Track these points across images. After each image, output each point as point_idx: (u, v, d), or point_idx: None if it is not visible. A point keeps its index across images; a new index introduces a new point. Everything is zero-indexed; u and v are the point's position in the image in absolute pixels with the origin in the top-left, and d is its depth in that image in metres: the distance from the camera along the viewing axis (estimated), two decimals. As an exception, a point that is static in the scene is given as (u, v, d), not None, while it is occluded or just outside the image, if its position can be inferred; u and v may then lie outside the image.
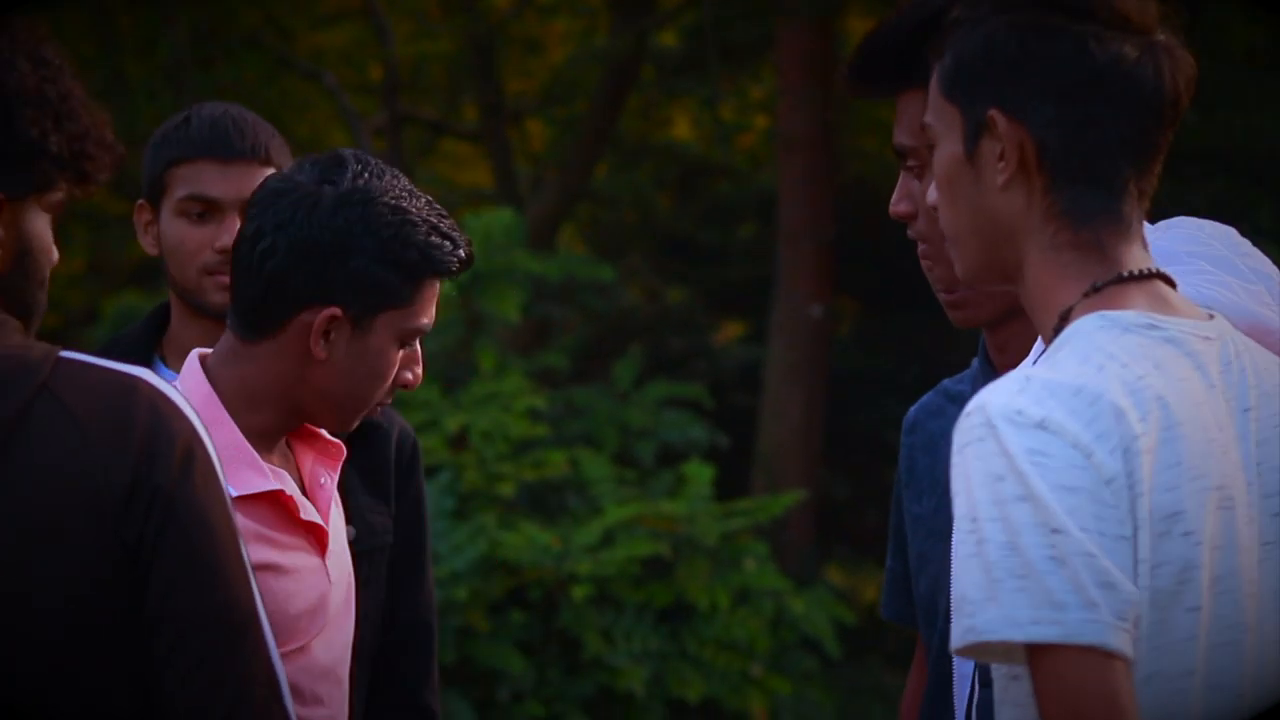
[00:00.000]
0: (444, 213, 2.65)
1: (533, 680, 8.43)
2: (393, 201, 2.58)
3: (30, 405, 1.95)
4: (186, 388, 2.56)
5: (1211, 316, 1.95)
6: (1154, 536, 1.80)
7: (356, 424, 2.71)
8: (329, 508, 2.71)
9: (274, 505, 2.62)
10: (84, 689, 1.97)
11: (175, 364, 3.07)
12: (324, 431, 2.74)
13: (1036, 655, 1.75)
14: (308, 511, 2.65)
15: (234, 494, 2.26)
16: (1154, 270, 1.92)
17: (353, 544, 2.99)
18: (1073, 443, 1.78)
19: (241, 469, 2.56)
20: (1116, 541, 1.77)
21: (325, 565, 2.68)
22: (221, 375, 2.62)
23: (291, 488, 2.64)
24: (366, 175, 2.59)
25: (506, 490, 8.58)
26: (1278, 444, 1.91)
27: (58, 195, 2.03)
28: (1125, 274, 1.90)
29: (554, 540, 8.41)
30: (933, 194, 2.00)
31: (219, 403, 2.60)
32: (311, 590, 2.66)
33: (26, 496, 1.95)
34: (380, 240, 2.57)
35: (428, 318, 2.64)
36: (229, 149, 3.07)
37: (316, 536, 2.67)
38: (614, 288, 10.25)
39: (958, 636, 1.78)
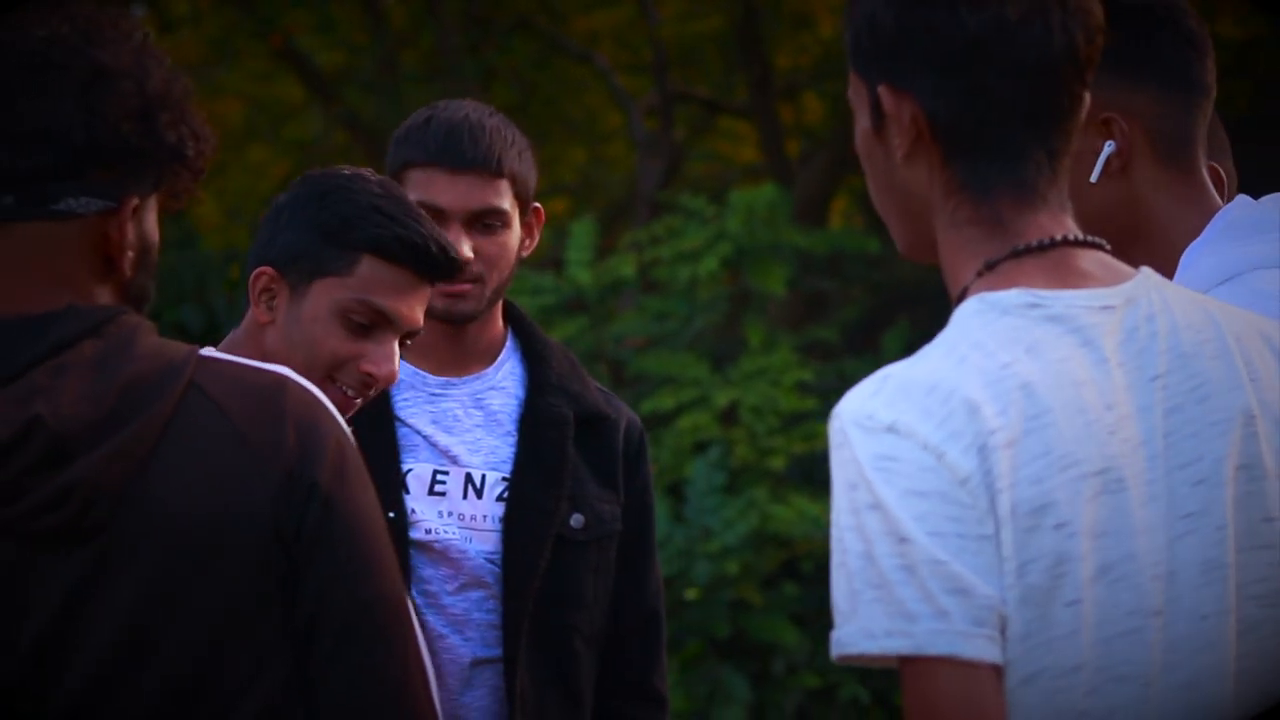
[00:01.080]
0: (417, 215, 2.74)
1: (807, 652, 8.45)
2: (343, 181, 2.74)
3: (182, 403, 1.96)
4: None
5: (1129, 278, 1.85)
6: (1019, 533, 1.72)
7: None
8: None
9: None
10: (238, 675, 1.99)
11: (411, 356, 3.13)
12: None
13: (901, 666, 1.71)
14: None
15: None
16: (1064, 238, 1.83)
17: (581, 532, 3.12)
18: (923, 445, 1.72)
19: None
20: (977, 542, 1.71)
21: None
22: (227, 349, 2.74)
23: None
24: (345, 173, 2.76)
25: (777, 464, 8.60)
26: (1193, 408, 1.82)
27: (175, 190, 2.04)
28: (1021, 247, 1.81)
29: (825, 512, 8.41)
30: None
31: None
32: None
33: (184, 493, 1.97)
34: (314, 208, 2.71)
35: (380, 299, 2.71)
36: (459, 159, 3.07)
37: None
38: (884, 260, 10.19)
39: (831, 647, 1.75)
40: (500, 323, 3.23)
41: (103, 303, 2.01)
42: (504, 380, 3.20)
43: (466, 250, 3.03)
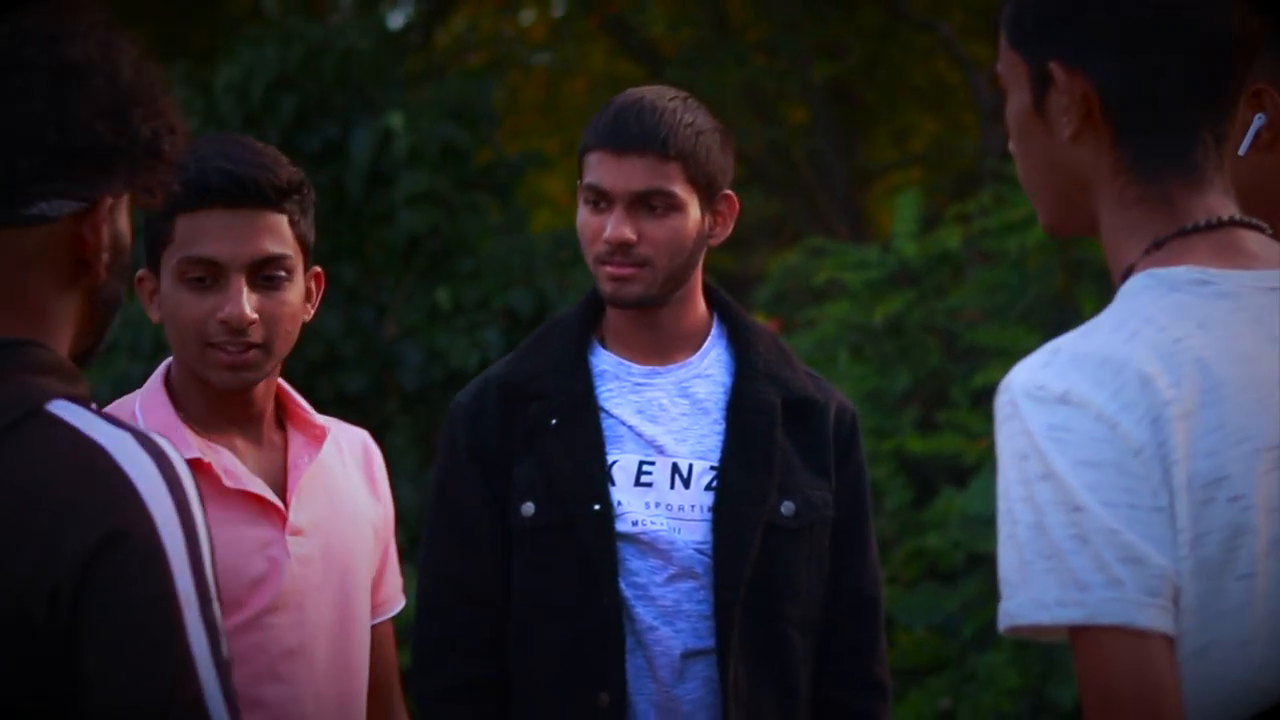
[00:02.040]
0: (213, 153, 2.63)
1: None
2: None
3: None
4: (149, 382, 2.73)
5: None
6: (1195, 505, 1.71)
7: (235, 379, 2.67)
8: (295, 486, 2.73)
9: (199, 474, 2.60)
10: None
11: (615, 345, 3.14)
12: (307, 415, 2.80)
13: (1072, 636, 1.69)
14: (239, 481, 2.67)
15: None
16: (1231, 219, 1.82)
17: (793, 519, 3.06)
18: (1096, 415, 1.71)
19: (174, 444, 2.61)
20: (1150, 514, 1.70)
21: (285, 539, 2.71)
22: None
23: (227, 461, 2.67)
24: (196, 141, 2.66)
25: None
26: None
27: (149, 185, 1.91)
28: (1190, 226, 1.81)
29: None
30: (1011, 144, 1.93)
31: (160, 386, 2.72)
32: (249, 562, 2.67)
33: None
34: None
35: (195, 249, 2.63)
36: (623, 140, 3.03)
37: (272, 512, 2.70)
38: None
39: (1000, 620, 1.73)
40: (703, 309, 3.18)
41: (64, 315, 1.89)
42: (710, 368, 3.15)
43: (628, 233, 3.00)
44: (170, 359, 2.77)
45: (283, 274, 2.66)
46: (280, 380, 2.81)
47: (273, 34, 9.16)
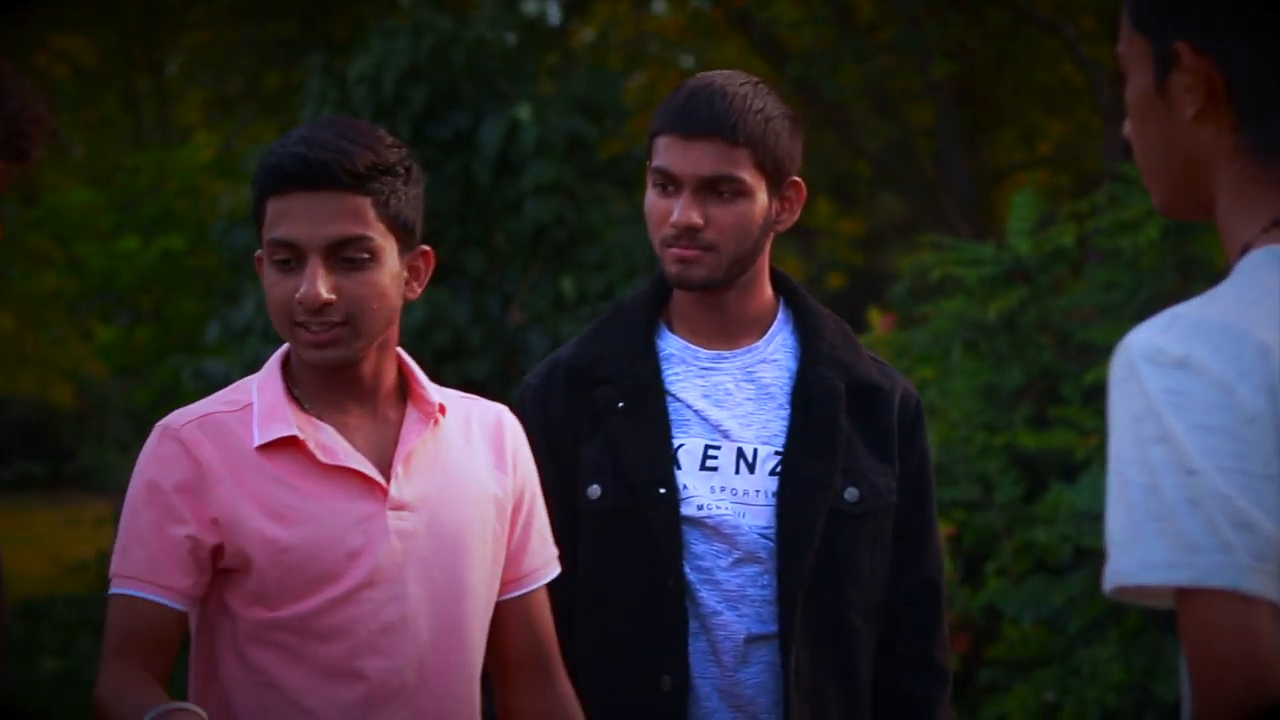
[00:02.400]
0: (294, 139, 2.70)
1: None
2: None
3: None
4: (270, 361, 2.81)
5: None
6: None
7: (319, 356, 2.71)
8: (400, 462, 2.76)
9: (298, 451, 2.74)
10: None
11: (681, 329, 3.15)
12: (425, 392, 2.82)
13: (1178, 598, 1.69)
14: (334, 458, 2.73)
15: (258, 442, 2.69)
16: None
17: (856, 505, 3.08)
18: (1213, 381, 1.70)
19: (273, 422, 2.73)
20: (1262, 481, 1.68)
21: (385, 514, 2.74)
22: None
23: (327, 438, 2.74)
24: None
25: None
26: None
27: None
28: None
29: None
30: (1127, 126, 1.93)
31: (277, 365, 2.79)
32: (344, 537, 2.72)
33: None
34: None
35: (277, 231, 2.68)
36: (691, 125, 3.02)
37: (374, 487, 2.74)
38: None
39: (1106, 580, 1.72)
40: (769, 293, 3.18)
41: None
42: (775, 353, 3.15)
43: (695, 217, 3.00)
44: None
45: (364, 255, 2.69)
46: (405, 358, 2.85)
47: (405, 25, 9.31)
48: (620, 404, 3.10)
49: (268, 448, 2.73)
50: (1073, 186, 11.72)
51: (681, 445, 3.08)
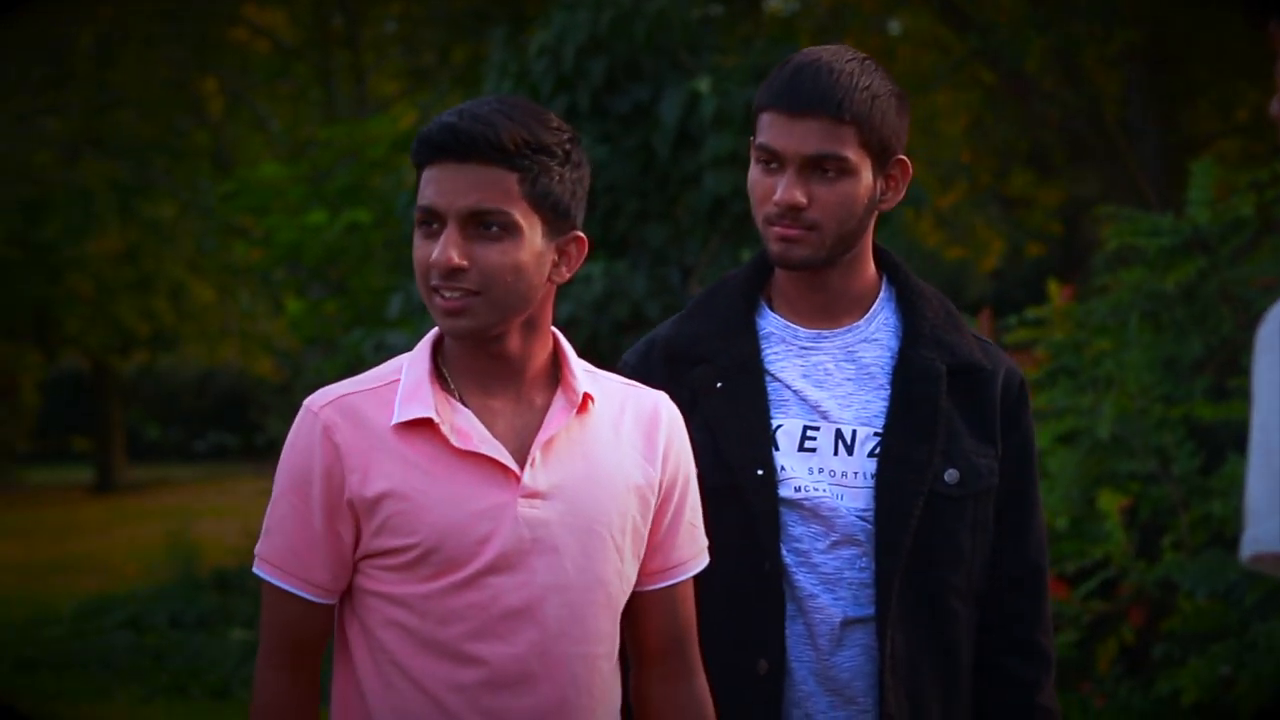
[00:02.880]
0: (454, 113, 2.71)
1: None
2: None
3: None
4: (423, 339, 2.82)
5: None
6: None
7: (449, 324, 2.71)
8: (538, 449, 2.75)
9: (432, 434, 2.74)
10: None
11: (782, 308, 3.12)
12: (573, 379, 2.81)
13: None
14: (468, 443, 2.72)
15: (394, 421, 2.71)
16: None
17: (956, 487, 3.02)
18: None
19: (412, 402, 2.74)
20: None
21: (515, 502, 2.73)
22: None
23: (464, 422, 2.74)
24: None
25: None
26: None
27: None
28: None
29: None
30: (1274, 104, 1.88)
31: (428, 344, 2.81)
32: (471, 523, 2.72)
33: None
34: None
35: (423, 197, 2.71)
36: (797, 102, 2.96)
37: (507, 474, 2.74)
38: None
39: (1243, 547, 1.68)
40: (872, 272, 3.13)
41: None
42: (877, 332, 3.11)
43: (799, 196, 2.96)
44: None
45: (502, 228, 2.69)
46: (562, 342, 2.84)
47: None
48: (719, 384, 3.06)
49: (404, 427, 2.74)
50: (1269, 154, 11.51)
51: (780, 426, 3.04)
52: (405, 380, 2.77)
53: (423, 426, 2.74)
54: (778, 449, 3.03)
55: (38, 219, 21.06)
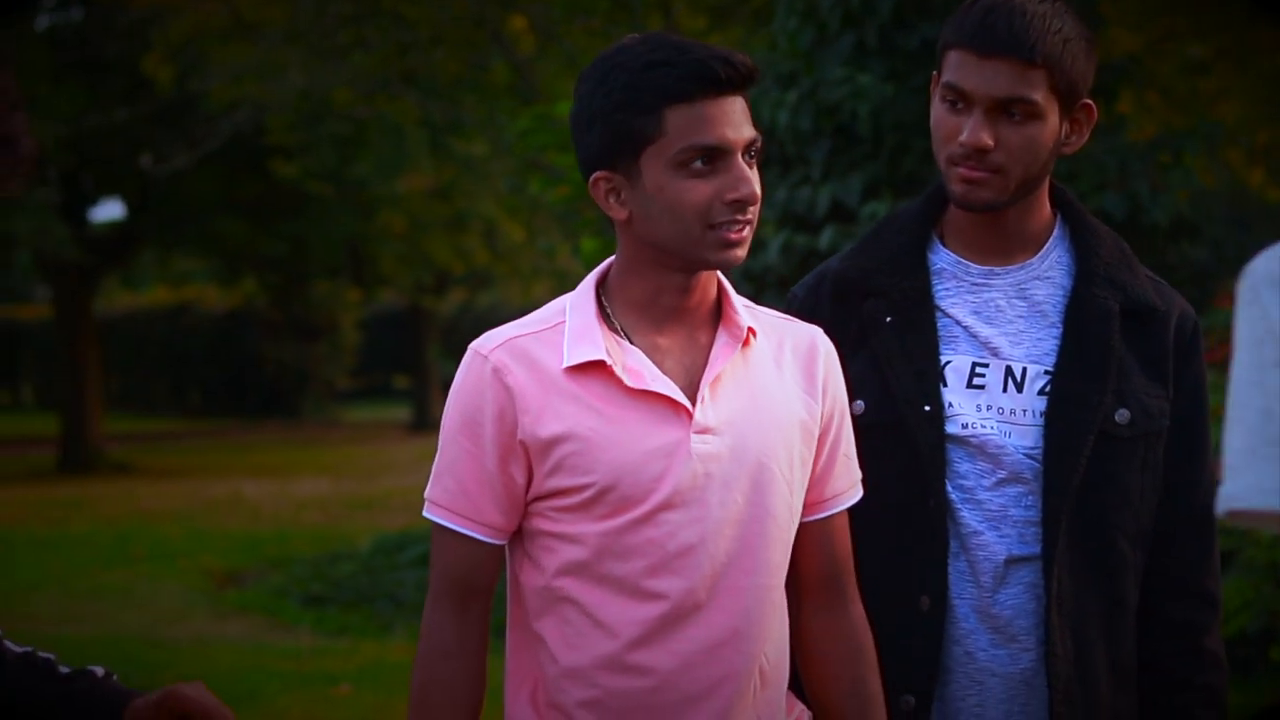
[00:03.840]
0: (683, 45, 2.69)
1: None
2: (610, 58, 2.73)
3: None
4: (584, 282, 2.86)
5: None
6: None
7: (728, 258, 2.72)
8: (706, 385, 2.78)
9: (604, 374, 2.76)
10: None
11: (954, 244, 3.11)
12: (735, 314, 2.83)
13: None
14: (641, 381, 2.76)
15: (566, 364, 2.76)
16: None
17: (1127, 428, 3.00)
18: None
19: (582, 344, 2.78)
20: None
21: (689, 438, 2.76)
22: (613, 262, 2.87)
23: (636, 361, 2.77)
24: (608, 52, 2.73)
25: None
26: None
27: None
28: None
29: None
30: None
31: (592, 286, 2.84)
32: (648, 461, 2.75)
33: None
34: (601, 97, 2.72)
35: (699, 138, 2.69)
36: (989, 43, 2.93)
37: (680, 410, 2.77)
38: None
39: (1218, 503, 1.69)
40: (1047, 209, 3.11)
41: None
42: (1050, 270, 3.08)
43: (985, 139, 2.94)
44: (609, 260, 2.87)
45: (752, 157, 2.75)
46: (722, 279, 2.86)
47: (880, -67, 9.07)
48: (888, 319, 3.06)
49: (575, 370, 2.77)
50: None
51: (949, 362, 3.04)
52: (572, 322, 2.81)
53: (595, 368, 2.77)
54: (945, 385, 3.03)
55: (350, 156, 21.39)
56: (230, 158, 21.66)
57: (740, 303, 2.87)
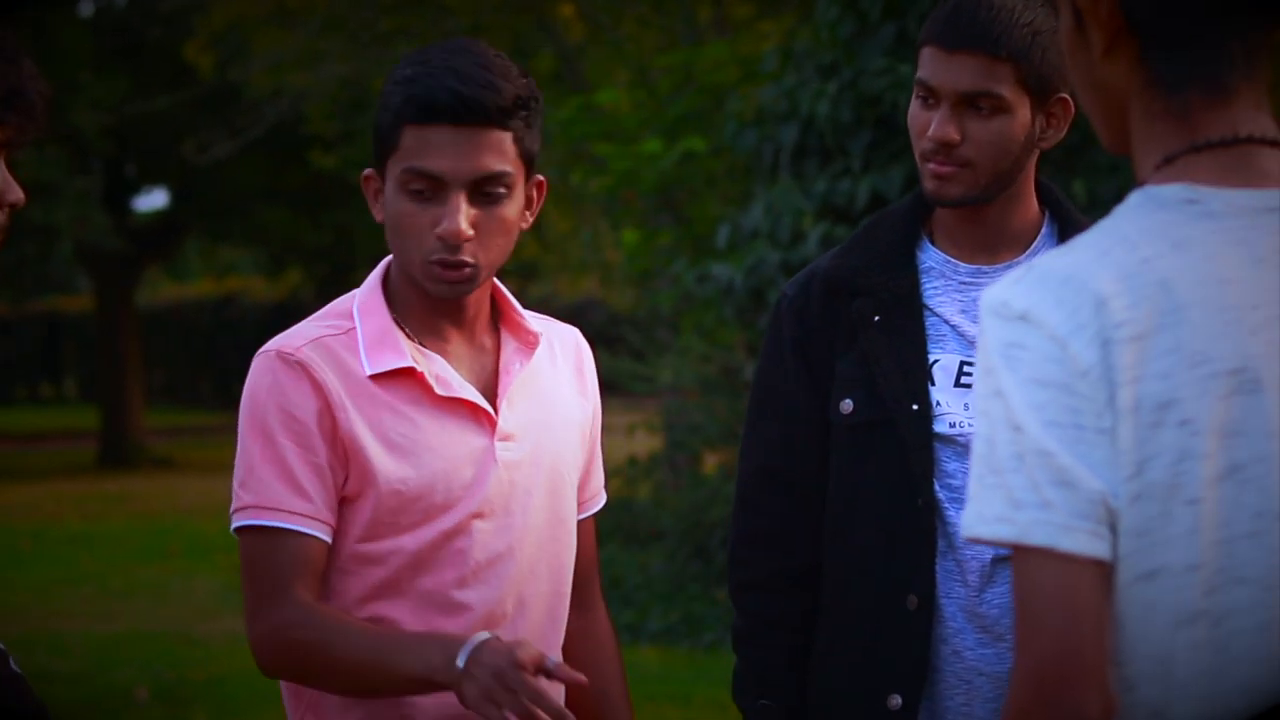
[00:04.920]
0: (451, 67, 2.65)
1: None
2: (400, 63, 2.70)
3: None
4: (366, 284, 2.81)
5: None
6: (1142, 428, 1.70)
7: (450, 291, 2.71)
8: (506, 392, 2.78)
9: (411, 381, 2.74)
10: None
11: (942, 242, 3.10)
12: (521, 319, 2.84)
13: (1013, 553, 1.71)
14: (450, 389, 2.74)
15: (371, 371, 2.71)
16: (1250, 136, 1.80)
17: None
18: (1050, 335, 1.71)
19: (386, 350, 2.73)
20: (1096, 435, 1.70)
21: (494, 445, 2.75)
22: None
23: (440, 369, 2.74)
24: (411, 53, 2.74)
25: None
26: None
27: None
28: (1201, 142, 1.79)
29: None
30: None
31: (378, 289, 2.79)
32: (458, 469, 2.73)
33: None
34: (381, 99, 2.71)
35: (421, 161, 2.66)
36: (951, 38, 2.95)
37: (483, 418, 2.76)
38: None
39: (960, 529, 1.68)
40: (1034, 208, 3.09)
41: None
42: None
43: (952, 133, 2.94)
44: (388, 259, 2.84)
45: (502, 190, 2.70)
46: (497, 282, 2.85)
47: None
48: (876, 317, 3.05)
49: (382, 377, 2.74)
50: None
51: (937, 361, 3.03)
52: (365, 328, 2.76)
53: (401, 375, 2.74)
54: (934, 384, 3.02)
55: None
56: (273, 147, 21.56)
57: (519, 306, 2.87)
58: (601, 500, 3.03)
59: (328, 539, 2.71)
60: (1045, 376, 1.70)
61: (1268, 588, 1.74)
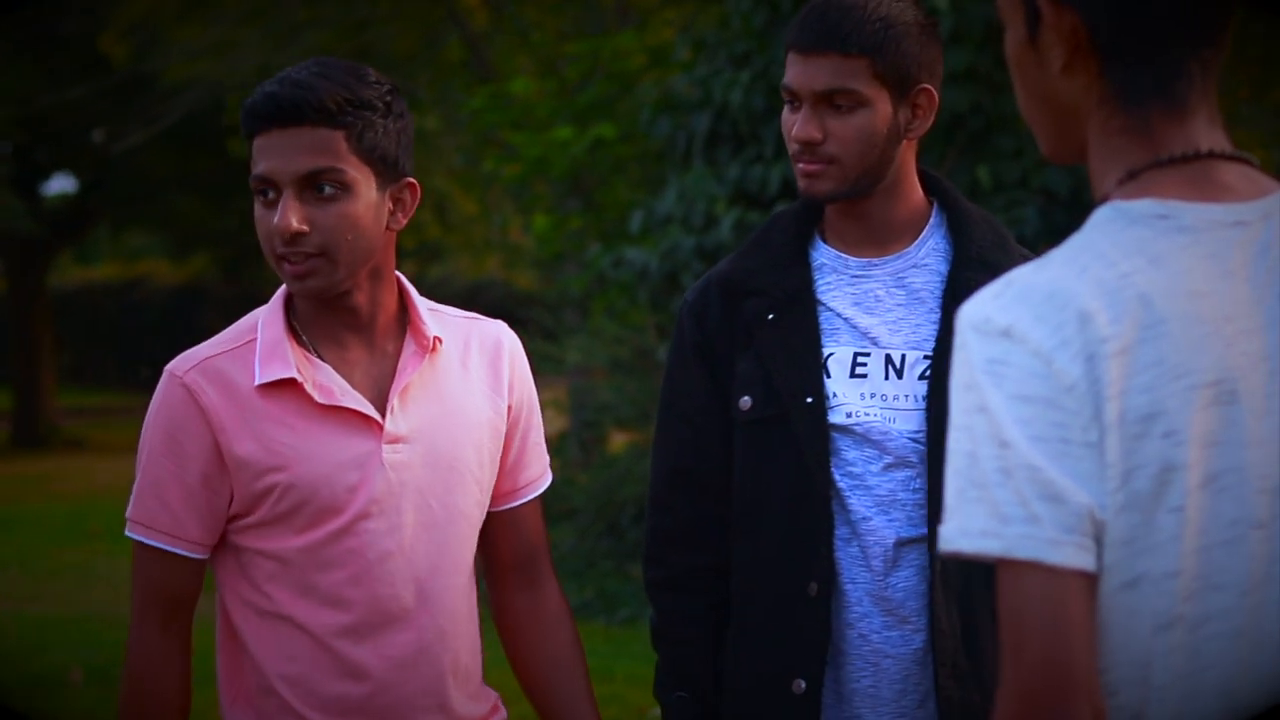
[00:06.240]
0: (276, 80, 2.79)
1: None
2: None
3: None
4: (274, 297, 2.92)
5: (1271, 194, 1.84)
6: (1127, 440, 1.73)
7: (300, 286, 2.80)
8: (395, 396, 2.88)
9: (295, 391, 2.86)
10: None
11: (833, 239, 3.16)
12: (422, 324, 2.93)
13: (997, 567, 1.73)
14: (330, 398, 2.85)
15: (258, 382, 2.81)
16: (1211, 151, 1.84)
17: None
18: (1034, 351, 1.73)
19: (273, 362, 2.85)
20: (1081, 449, 1.72)
21: (380, 449, 2.87)
22: None
23: (325, 377, 2.85)
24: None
25: None
26: None
27: None
28: (1165, 158, 1.83)
29: None
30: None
31: (280, 302, 2.92)
32: (341, 473, 2.85)
33: None
34: None
35: (257, 167, 2.78)
36: (806, 41, 3.04)
37: (369, 423, 2.86)
38: None
39: (939, 543, 1.76)
40: (919, 198, 3.17)
41: None
42: (926, 257, 3.14)
43: (813, 132, 3.01)
44: None
45: (336, 187, 2.79)
46: (408, 287, 2.97)
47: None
48: (770, 315, 3.13)
49: (267, 388, 2.85)
50: None
51: (831, 354, 3.10)
52: (263, 339, 2.88)
53: (286, 385, 2.85)
54: (829, 376, 3.09)
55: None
56: (186, 135, 21.60)
57: (425, 307, 2.97)
58: (545, 481, 3.15)
59: (193, 555, 2.88)
60: (1030, 392, 1.72)
61: (1242, 593, 1.77)
